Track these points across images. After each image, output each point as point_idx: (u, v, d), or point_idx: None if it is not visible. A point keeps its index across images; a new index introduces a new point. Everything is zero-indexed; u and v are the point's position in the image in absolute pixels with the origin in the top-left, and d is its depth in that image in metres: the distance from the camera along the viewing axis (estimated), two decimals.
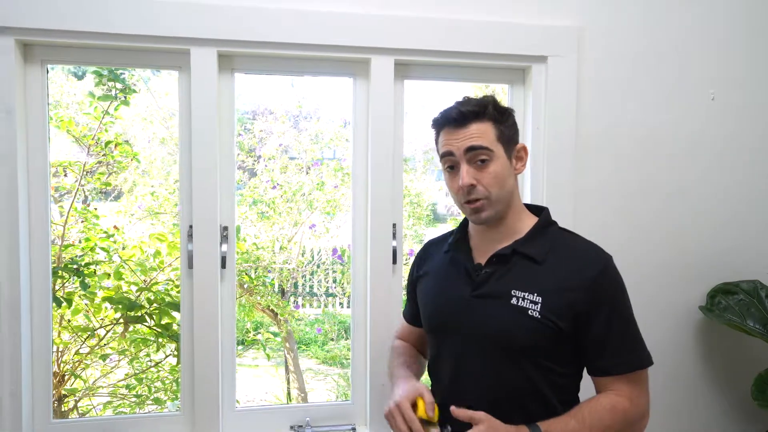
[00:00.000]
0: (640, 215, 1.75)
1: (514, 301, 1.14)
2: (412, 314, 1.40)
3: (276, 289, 3.91)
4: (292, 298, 4.38)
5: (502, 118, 1.18)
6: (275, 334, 3.92)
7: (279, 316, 3.88)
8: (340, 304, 4.88)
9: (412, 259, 1.40)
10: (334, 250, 3.84)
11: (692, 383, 1.80)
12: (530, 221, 1.23)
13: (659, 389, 1.77)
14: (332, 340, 4.92)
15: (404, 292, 1.54)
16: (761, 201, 1.81)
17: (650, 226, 1.76)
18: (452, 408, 1.07)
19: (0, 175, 1.43)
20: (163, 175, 3.55)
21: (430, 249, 1.37)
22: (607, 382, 1.15)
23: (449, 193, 1.22)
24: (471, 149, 1.14)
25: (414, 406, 1.11)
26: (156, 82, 3.34)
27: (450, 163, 1.17)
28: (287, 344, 4.00)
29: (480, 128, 1.15)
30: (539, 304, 1.12)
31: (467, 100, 1.19)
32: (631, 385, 1.14)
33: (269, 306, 3.81)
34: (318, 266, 4.26)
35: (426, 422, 1.09)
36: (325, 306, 4.96)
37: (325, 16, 1.54)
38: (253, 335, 3.51)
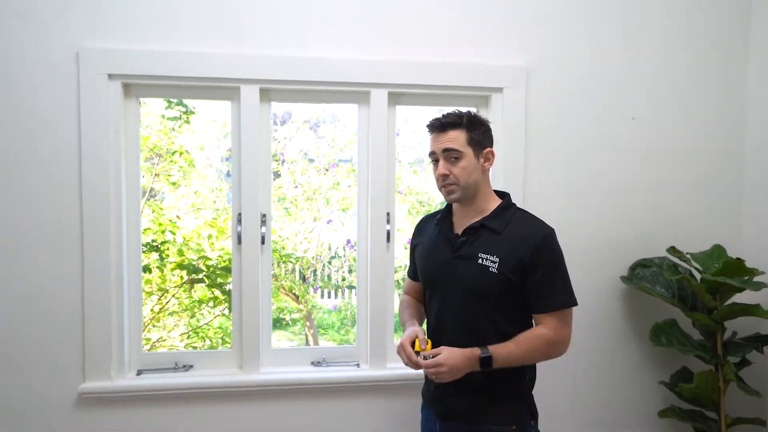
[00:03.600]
0: (577, 210, 2.28)
1: (480, 261, 1.56)
2: (412, 272, 1.84)
3: (298, 276, 4.52)
4: (312, 287, 4.95)
5: (473, 127, 1.59)
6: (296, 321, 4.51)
7: (300, 299, 4.48)
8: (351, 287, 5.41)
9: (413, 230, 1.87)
10: (348, 241, 4.42)
11: (617, 335, 2.33)
12: (495, 203, 1.64)
13: (591, 340, 2.32)
14: (348, 326, 5.49)
15: (396, 264, 2.11)
16: (669, 197, 2.33)
17: (584, 218, 2.28)
18: (420, 360, 1.53)
19: (110, 181, 2.03)
20: (203, 176, 4.17)
21: (423, 223, 1.82)
22: (539, 317, 1.57)
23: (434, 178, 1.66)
24: (446, 150, 1.58)
25: (413, 343, 1.59)
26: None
27: (434, 158, 1.63)
28: (307, 323, 4.60)
29: (455, 134, 1.58)
30: (497, 263, 1.55)
31: (449, 114, 1.60)
32: (555, 320, 1.55)
33: (292, 289, 4.41)
34: (335, 255, 4.83)
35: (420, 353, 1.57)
36: (342, 294, 5.52)
37: (337, 61, 2.12)
38: (277, 310, 4.10)
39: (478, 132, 1.62)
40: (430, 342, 1.61)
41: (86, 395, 2.03)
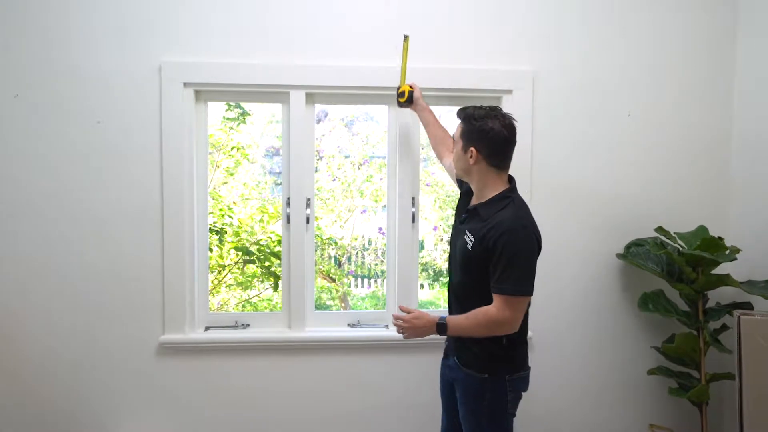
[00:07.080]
0: (580, 196, 2.61)
1: (465, 237, 1.86)
2: None
3: (334, 261, 4.95)
4: (346, 267, 5.37)
5: (466, 123, 1.84)
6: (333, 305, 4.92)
7: (336, 281, 4.91)
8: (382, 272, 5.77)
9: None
10: (380, 228, 4.82)
11: (614, 306, 2.66)
12: (495, 192, 1.85)
13: (590, 308, 2.65)
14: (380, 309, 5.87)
15: (420, 241, 2.48)
16: (662, 185, 2.65)
17: (587, 204, 2.61)
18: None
19: (184, 172, 2.47)
20: (249, 168, 4.62)
21: (460, 201, 2.08)
22: (493, 296, 1.76)
23: None
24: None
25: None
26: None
27: None
28: (343, 304, 5.03)
29: (458, 124, 1.91)
30: (472, 242, 1.83)
31: (464, 107, 1.90)
32: (504, 303, 1.74)
33: (328, 273, 4.84)
34: (369, 242, 5.24)
35: None
36: (375, 281, 5.91)
37: (370, 69, 2.51)
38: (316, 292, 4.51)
39: (470, 128, 1.84)
40: None
41: (165, 345, 2.48)
